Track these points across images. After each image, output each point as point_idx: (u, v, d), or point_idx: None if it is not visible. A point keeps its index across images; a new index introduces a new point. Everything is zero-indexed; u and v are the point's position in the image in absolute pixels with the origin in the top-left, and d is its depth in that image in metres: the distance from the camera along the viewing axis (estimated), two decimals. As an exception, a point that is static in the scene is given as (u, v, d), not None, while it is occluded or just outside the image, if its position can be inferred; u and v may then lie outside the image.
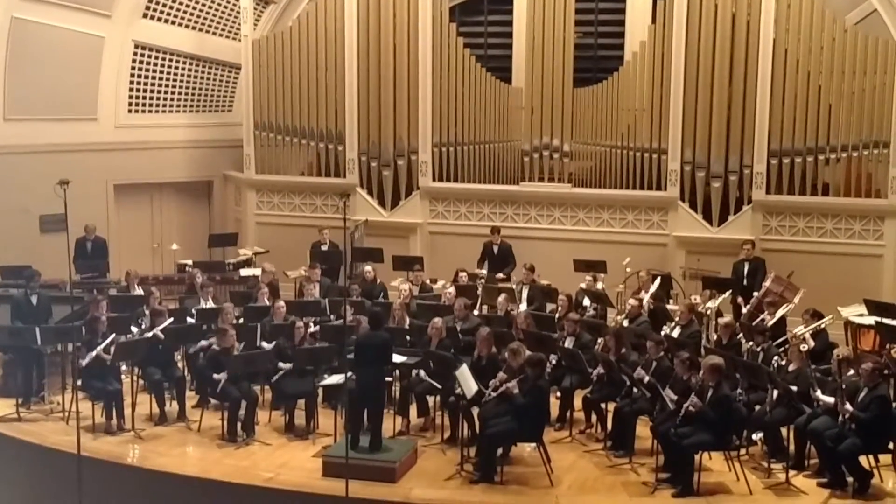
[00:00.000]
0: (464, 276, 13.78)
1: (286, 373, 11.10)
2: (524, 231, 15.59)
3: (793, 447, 9.92)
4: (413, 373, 11.27)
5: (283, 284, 14.62)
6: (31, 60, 15.15)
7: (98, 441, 10.74)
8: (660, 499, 9.38)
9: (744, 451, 10.08)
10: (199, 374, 11.53)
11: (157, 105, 17.14)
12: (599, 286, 13.50)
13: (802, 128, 14.45)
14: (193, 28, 17.06)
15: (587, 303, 13.11)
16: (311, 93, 16.64)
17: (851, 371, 9.85)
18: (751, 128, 14.58)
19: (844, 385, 9.48)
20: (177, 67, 17.12)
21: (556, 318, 12.32)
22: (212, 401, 11.44)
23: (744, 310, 13.13)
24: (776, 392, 9.85)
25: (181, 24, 16.88)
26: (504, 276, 14.40)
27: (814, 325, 11.31)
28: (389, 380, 11.12)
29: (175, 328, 11.80)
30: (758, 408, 10.19)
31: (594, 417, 10.97)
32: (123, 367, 11.97)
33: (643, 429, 10.28)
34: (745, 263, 13.82)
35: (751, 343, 11.07)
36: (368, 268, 14.17)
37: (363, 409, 10.11)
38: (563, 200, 15.61)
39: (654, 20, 15.14)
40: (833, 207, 14.42)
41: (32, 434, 10.95)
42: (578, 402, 11.11)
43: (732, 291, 13.45)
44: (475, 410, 10.18)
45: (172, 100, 17.29)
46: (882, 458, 9.63)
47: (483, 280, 14.12)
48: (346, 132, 16.42)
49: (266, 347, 11.59)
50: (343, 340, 10.72)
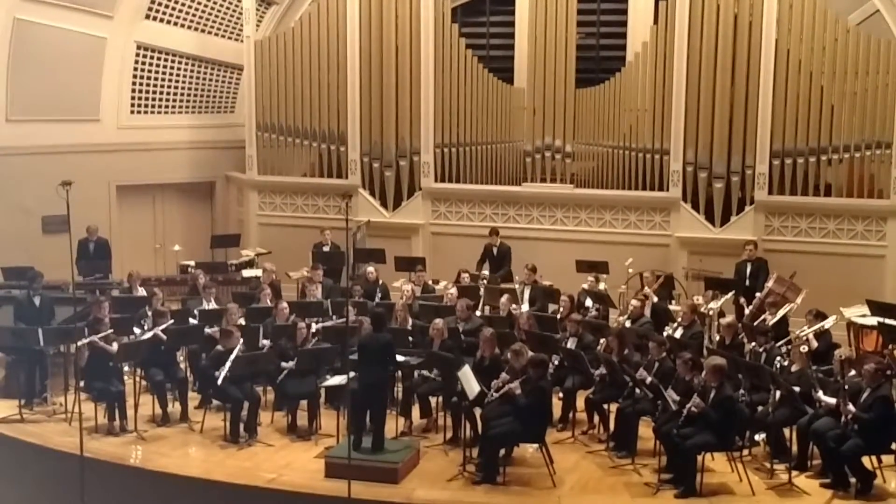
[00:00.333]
0: (466, 277, 13.79)
1: (289, 373, 11.09)
2: (526, 232, 15.59)
3: (795, 448, 9.92)
4: (415, 374, 11.30)
5: (285, 285, 14.63)
6: (34, 61, 15.16)
7: (100, 442, 10.74)
8: (662, 499, 9.37)
9: (746, 452, 10.09)
10: (203, 375, 11.52)
11: (160, 106, 17.16)
12: (601, 287, 13.50)
13: (805, 128, 14.44)
14: (195, 29, 17.07)
15: (589, 303, 13.10)
16: (314, 94, 16.65)
17: (854, 372, 9.86)
18: (753, 128, 14.57)
19: (847, 386, 9.48)
20: (179, 68, 17.13)
21: (559, 319, 12.32)
22: (214, 402, 11.45)
23: (746, 310, 13.12)
24: (779, 393, 9.84)
25: (183, 25, 16.90)
26: (499, 279, 14.39)
27: (817, 326, 11.31)
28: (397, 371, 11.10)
29: (177, 329, 11.80)
30: (760, 408, 10.19)
31: (596, 418, 10.97)
32: (126, 368, 11.98)
33: (645, 429, 10.27)
34: (748, 264, 13.82)
35: (753, 344, 11.06)
36: (371, 268, 14.17)
37: (366, 410, 10.11)
38: (566, 201, 15.60)
39: (656, 21, 15.15)
40: (835, 208, 14.42)
41: (35, 435, 10.95)
42: (581, 403, 11.11)
43: (735, 292, 13.44)
44: (477, 411, 10.18)
45: (175, 101, 17.31)
46: (885, 459, 9.60)
47: (485, 281, 14.12)
48: (349, 133, 16.42)
49: (264, 343, 11.59)
50: (345, 341, 10.73)
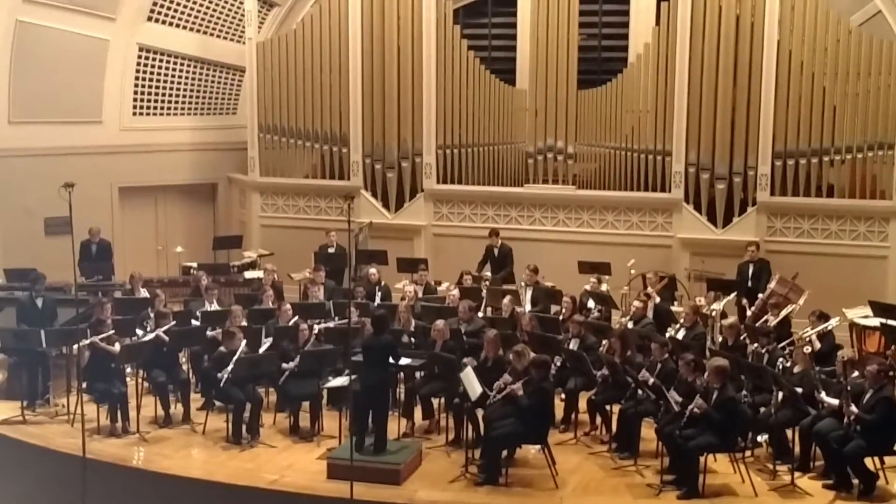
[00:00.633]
0: (468, 279, 13.79)
1: (291, 374, 11.09)
2: (528, 233, 15.59)
3: (798, 449, 9.91)
4: (416, 375, 11.30)
5: (287, 287, 14.63)
6: (36, 64, 15.18)
7: (103, 443, 10.75)
8: (665, 501, 9.36)
9: (749, 453, 10.08)
10: (205, 377, 11.52)
11: (162, 108, 17.17)
12: (604, 288, 13.49)
13: (807, 129, 14.43)
14: (197, 31, 17.08)
15: (591, 305, 13.10)
16: (316, 95, 16.65)
17: (856, 373, 9.85)
18: (755, 129, 14.56)
19: (849, 387, 9.47)
20: (181, 70, 17.15)
21: (561, 320, 12.32)
22: (216, 403, 11.46)
23: (748, 312, 13.11)
24: (781, 394, 9.83)
25: (185, 27, 16.91)
26: (500, 280, 14.39)
27: (820, 327, 11.29)
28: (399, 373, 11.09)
29: (179, 330, 11.80)
30: (763, 409, 10.18)
31: (599, 419, 10.96)
32: (128, 370, 11.99)
33: (648, 431, 10.27)
34: (750, 265, 13.82)
35: (756, 345, 11.05)
36: (373, 270, 14.17)
37: (368, 412, 10.11)
38: (568, 202, 15.60)
39: (658, 22, 15.15)
40: (838, 209, 14.41)
41: (37, 436, 10.95)
42: (583, 404, 11.11)
43: (737, 293, 13.44)
44: (480, 412, 10.17)
45: (177, 102, 17.32)
46: (887, 460, 9.58)
47: (487, 282, 14.12)
48: (351, 134, 16.43)
49: (266, 341, 11.62)
50: (347, 342, 10.73)
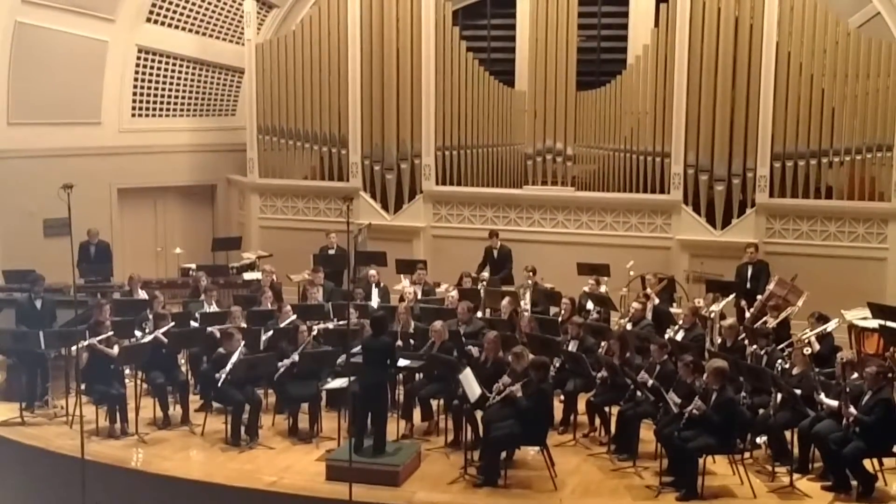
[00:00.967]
0: (468, 280, 13.79)
1: (290, 376, 11.09)
2: (527, 235, 15.59)
3: (797, 450, 9.92)
4: (416, 376, 11.30)
5: (286, 288, 14.63)
6: (35, 65, 15.17)
7: (102, 445, 10.74)
8: (664, 502, 9.36)
9: (748, 455, 10.08)
10: (204, 379, 11.51)
11: (161, 109, 17.16)
12: (603, 289, 13.49)
13: (806, 131, 14.44)
14: (197, 32, 17.08)
15: (590, 306, 13.10)
16: (315, 97, 16.65)
17: (855, 374, 9.85)
18: (754, 131, 14.57)
19: (848, 388, 9.47)
20: (180, 71, 17.14)
21: (560, 322, 12.32)
22: (215, 404, 11.46)
23: (747, 313, 13.12)
24: (780, 395, 9.83)
25: (184, 29, 16.90)
26: (500, 281, 14.39)
27: (819, 329, 11.30)
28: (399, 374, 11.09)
29: (178, 332, 11.80)
30: (762, 411, 10.18)
31: (598, 421, 10.96)
32: (127, 371, 11.98)
33: (647, 432, 10.27)
34: (749, 266, 13.83)
35: (754, 346, 11.05)
36: (373, 271, 14.17)
37: (367, 413, 10.11)
38: (567, 204, 15.60)
39: (657, 23, 15.14)
40: (836, 211, 14.41)
41: (36, 438, 10.95)
42: (582, 406, 11.11)
43: (736, 295, 13.44)
44: (479, 414, 10.17)
45: (176, 104, 17.32)
46: (886, 462, 9.60)
47: (485, 283, 14.11)
48: (350, 136, 16.42)
49: (265, 339, 11.63)
50: (346, 344, 10.73)
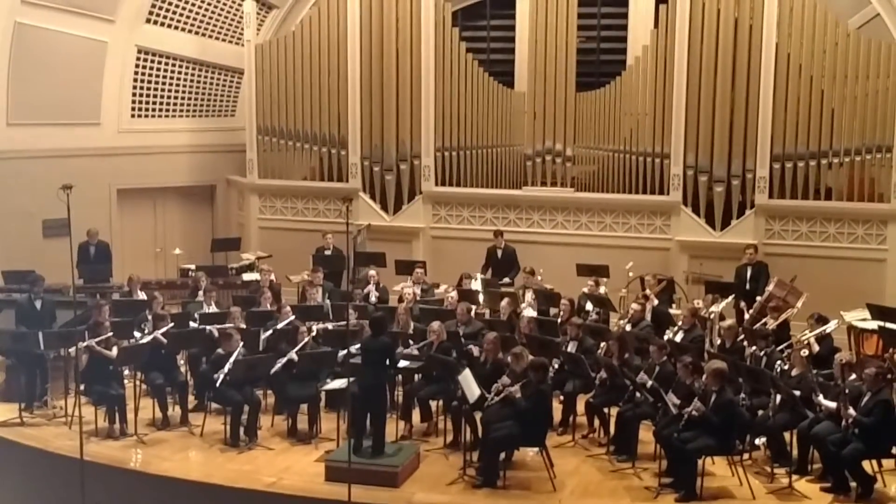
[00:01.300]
0: (467, 281, 13.78)
1: (289, 376, 11.09)
2: (527, 235, 15.59)
3: (796, 452, 9.91)
4: (415, 377, 11.30)
5: (286, 289, 14.62)
6: (35, 65, 15.16)
7: (101, 446, 10.74)
8: (663, 503, 9.36)
9: (747, 456, 10.08)
10: (203, 379, 11.49)
11: (160, 110, 17.16)
12: (602, 290, 13.49)
13: (805, 132, 14.45)
14: (196, 33, 17.08)
15: (590, 307, 13.09)
16: (314, 97, 16.65)
17: (854, 376, 9.84)
18: (753, 132, 14.58)
19: (847, 390, 9.46)
20: (180, 72, 17.14)
21: (559, 323, 12.32)
22: (212, 405, 11.46)
23: (746, 314, 13.12)
24: (779, 397, 9.84)
25: (184, 29, 16.90)
26: (510, 282, 14.40)
27: (819, 330, 11.29)
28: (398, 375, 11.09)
29: (177, 332, 11.80)
30: (761, 412, 10.17)
31: (597, 422, 10.96)
32: (126, 372, 11.98)
33: (646, 433, 10.26)
34: (748, 268, 13.83)
35: (754, 347, 11.05)
36: (372, 272, 14.18)
37: (366, 414, 10.11)
38: (566, 205, 15.61)
39: (657, 24, 15.15)
40: (836, 212, 14.42)
41: (35, 439, 10.95)
42: (581, 407, 11.11)
43: (735, 296, 13.44)
44: (478, 415, 10.17)
45: (175, 104, 17.32)
46: (885, 463, 9.60)
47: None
48: (349, 136, 16.42)
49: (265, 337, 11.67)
50: (346, 344, 10.73)
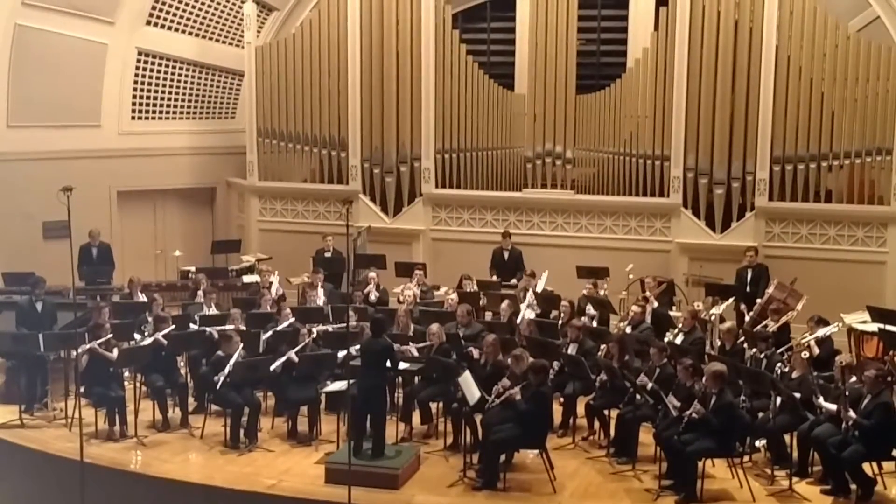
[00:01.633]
0: (468, 283, 13.78)
1: (289, 378, 11.09)
2: (527, 237, 15.57)
3: (796, 454, 9.91)
4: (415, 379, 11.30)
5: (286, 291, 14.61)
6: (35, 67, 15.17)
7: (101, 447, 10.74)
8: (663, 506, 9.38)
9: (747, 458, 10.07)
10: (203, 381, 11.49)
11: (161, 112, 17.17)
12: (602, 293, 13.48)
13: (805, 134, 14.46)
14: (196, 35, 17.09)
15: (591, 311, 13.07)
16: (314, 100, 16.66)
17: (854, 378, 9.84)
18: (753, 134, 14.58)
19: (847, 392, 9.46)
20: (180, 74, 17.15)
21: (559, 325, 12.32)
22: (212, 407, 11.46)
23: (747, 317, 13.12)
24: (779, 399, 9.84)
25: (184, 31, 16.91)
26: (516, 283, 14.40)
27: (819, 332, 11.29)
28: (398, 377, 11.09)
29: (178, 334, 11.80)
30: (761, 415, 10.17)
31: (597, 424, 10.95)
32: (126, 374, 11.98)
33: (646, 435, 10.25)
34: (749, 270, 13.83)
35: (754, 350, 11.05)
36: (372, 273, 14.18)
37: (366, 416, 10.10)
38: (566, 207, 15.61)
39: (657, 27, 15.16)
40: (836, 214, 14.42)
41: (35, 440, 10.95)
42: (581, 409, 11.11)
43: (735, 298, 13.45)
44: (478, 417, 10.17)
45: (175, 106, 17.33)
46: (885, 465, 9.59)
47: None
48: (349, 139, 16.43)
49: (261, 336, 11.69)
50: (346, 346, 10.73)
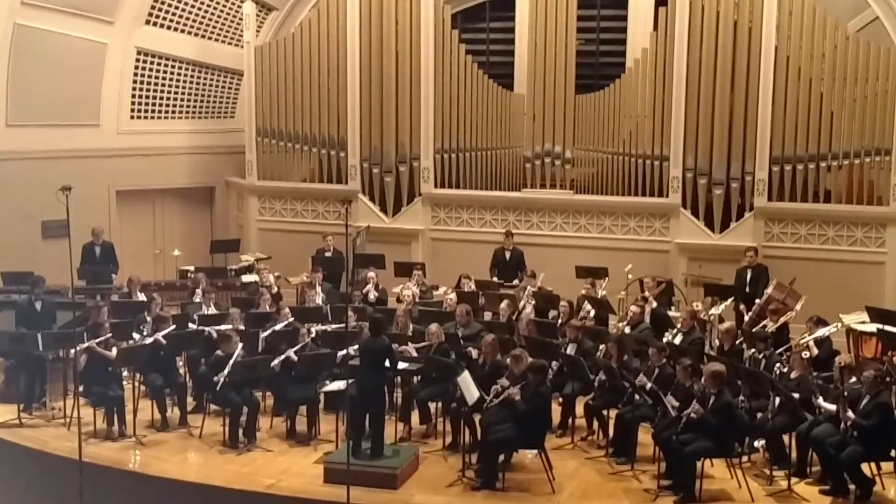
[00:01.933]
0: (466, 283, 13.78)
1: (288, 378, 11.09)
2: (526, 237, 15.56)
3: (795, 454, 9.91)
4: (414, 379, 11.30)
5: (285, 290, 14.62)
6: (34, 67, 15.17)
7: (99, 447, 10.74)
8: (661, 506, 9.38)
9: (746, 459, 10.07)
10: (202, 381, 11.49)
11: (160, 111, 17.17)
12: (600, 293, 13.47)
13: (804, 135, 14.46)
14: (196, 34, 17.08)
15: (591, 311, 13.06)
16: (314, 99, 16.66)
17: (853, 378, 9.84)
18: (752, 135, 14.59)
19: (846, 392, 9.46)
20: (179, 74, 17.15)
21: (558, 325, 12.32)
22: (211, 406, 11.46)
23: (746, 317, 13.12)
24: (778, 399, 9.84)
25: (184, 31, 16.91)
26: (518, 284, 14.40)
27: (818, 333, 11.29)
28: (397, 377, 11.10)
29: (177, 334, 11.80)
30: (760, 415, 10.18)
31: (596, 424, 10.95)
32: (125, 373, 11.98)
33: (645, 435, 10.26)
34: (749, 270, 13.82)
35: (753, 350, 11.06)
36: (372, 273, 14.18)
37: (364, 415, 10.10)
38: (565, 207, 15.61)
39: (656, 27, 15.16)
40: (835, 215, 14.43)
41: (34, 440, 10.96)
42: (580, 409, 11.11)
43: (735, 298, 13.45)
44: (477, 417, 10.18)
45: (175, 106, 17.32)
46: (884, 466, 9.59)
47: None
48: (348, 138, 16.42)
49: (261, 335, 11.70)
50: (345, 346, 10.73)
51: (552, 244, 15.49)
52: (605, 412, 10.80)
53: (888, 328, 11.52)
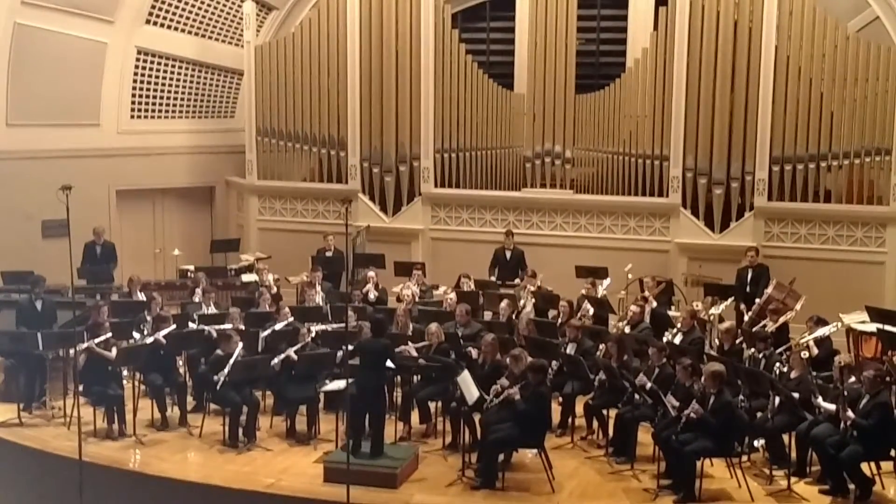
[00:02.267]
0: (466, 282, 13.78)
1: (288, 377, 11.10)
2: (526, 237, 15.56)
3: (794, 454, 9.91)
4: (414, 378, 11.31)
5: (284, 290, 14.62)
6: (34, 66, 15.17)
7: (99, 446, 10.74)
8: (661, 505, 9.38)
9: (745, 458, 10.07)
10: (202, 380, 11.50)
11: (160, 111, 17.17)
12: (600, 292, 13.47)
13: (804, 135, 14.46)
14: (196, 34, 17.08)
15: (590, 311, 13.07)
16: (314, 99, 16.65)
17: (853, 378, 9.84)
18: (752, 134, 14.59)
19: (846, 392, 9.46)
20: (179, 73, 17.15)
21: (558, 325, 12.32)
22: (211, 406, 11.46)
23: (746, 317, 13.12)
24: (778, 399, 9.84)
25: (184, 30, 16.91)
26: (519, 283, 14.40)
27: (818, 332, 11.30)
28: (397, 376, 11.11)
29: (177, 333, 11.80)
30: (759, 415, 10.18)
31: (596, 424, 10.96)
32: (125, 373, 11.99)
33: (645, 435, 10.26)
34: (749, 270, 13.82)
35: (753, 350, 11.06)
36: (371, 273, 14.18)
37: (364, 415, 10.11)
38: (565, 207, 15.61)
39: (656, 27, 15.16)
40: (835, 214, 14.43)
41: (34, 439, 10.96)
42: (580, 409, 11.11)
43: (735, 298, 13.45)
44: (477, 416, 10.18)
45: (175, 105, 17.32)
46: (884, 465, 9.59)
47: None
48: (349, 138, 16.42)
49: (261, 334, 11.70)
50: (345, 346, 10.73)
51: (552, 244, 15.50)
52: (605, 412, 10.81)
53: (888, 328, 11.51)
